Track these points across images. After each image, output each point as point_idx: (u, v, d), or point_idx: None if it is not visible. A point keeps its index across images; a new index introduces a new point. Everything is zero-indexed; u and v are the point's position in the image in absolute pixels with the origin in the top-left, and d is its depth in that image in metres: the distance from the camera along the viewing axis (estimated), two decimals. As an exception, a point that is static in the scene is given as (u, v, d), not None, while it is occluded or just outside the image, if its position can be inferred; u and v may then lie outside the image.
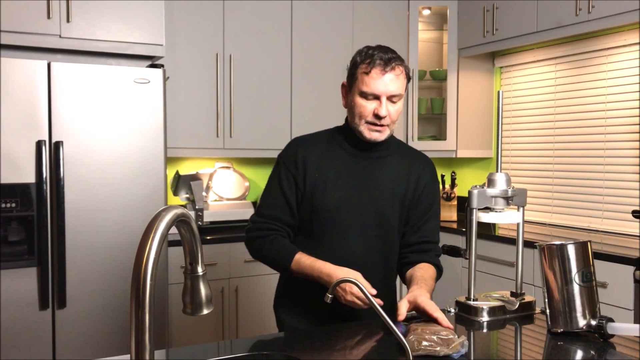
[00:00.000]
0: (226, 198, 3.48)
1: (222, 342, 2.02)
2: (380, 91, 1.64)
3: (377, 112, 1.65)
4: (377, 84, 1.64)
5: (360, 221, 1.72)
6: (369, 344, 1.43)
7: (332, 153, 1.76)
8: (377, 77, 1.64)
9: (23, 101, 2.48)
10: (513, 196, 1.65)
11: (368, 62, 1.65)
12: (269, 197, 1.78)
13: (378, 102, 1.65)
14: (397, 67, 1.65)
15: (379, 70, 1.63)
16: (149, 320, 0.85)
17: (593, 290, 1.46)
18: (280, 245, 1.71)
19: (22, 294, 2.48)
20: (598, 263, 2.41)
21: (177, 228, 0.98)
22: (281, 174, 1.76)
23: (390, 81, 1.64)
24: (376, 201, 1.73)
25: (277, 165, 1.79)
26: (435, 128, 4.15)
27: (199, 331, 3.04)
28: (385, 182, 1.75)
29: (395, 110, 1.68)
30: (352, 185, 1.73)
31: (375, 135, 1.69)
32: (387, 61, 1.64)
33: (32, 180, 2.49)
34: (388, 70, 1.64)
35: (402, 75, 1.67)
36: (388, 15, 3.80)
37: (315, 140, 1.80)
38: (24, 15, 2.59)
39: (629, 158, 3.15)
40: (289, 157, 1.76)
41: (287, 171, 1.75)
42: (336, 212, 1.71)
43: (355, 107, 1.69)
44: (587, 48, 3.31)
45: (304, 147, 1.77)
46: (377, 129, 1.68)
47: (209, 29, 3.29)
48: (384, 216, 1.74)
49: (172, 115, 3.16)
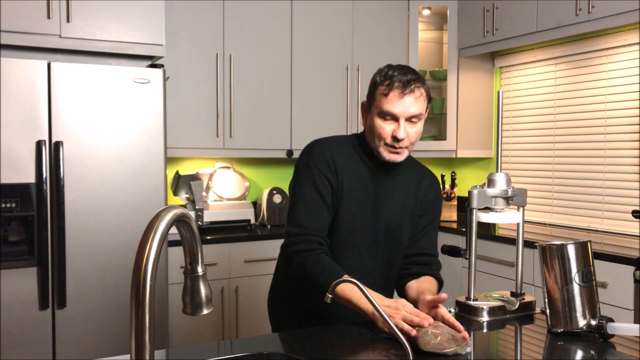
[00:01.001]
0: (226, 198, 3.48)
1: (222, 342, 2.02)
2: (399, 113, 1.60)
3: (395, 134, 1.62)
4: (395, 106, 1.60)
5: (372, 235, 1.72)
6: (369, 344, 1.43)
7: (353, 163, 1.71)
8: (395, 99, 1.60)
9: (23, 101, 2.48)
10: (513, 196, 1.65)
11: (387, 84, 1.61)
12: (305, 204, 1.65)
13: (397, 124, 1.62)
14: (417, 90, 1.61)
15: (397, 92, 1.60)
16: (149, 320, 0.85)
17: (593, 290, 1.45)
18: (326, 263, 1.58)
19: (22, 294, 2.48)
20: (598, 263, 2.41)
21: (177, 228, 0.98)
22: (315, 178, 1.65)
23: (409, 104, 1.60)
24: (387, 217, 1.73)
25: (306, 169, 1.68)
26: (435, 128, 4.15)
27: (199, 331, 3.04)
28: (398, 198, 1.74)
29: (415, 132, 1.64)
30: (368, 199, 1.71)
31: (394, 157, 1.66)
32: (407, 83, 1.60)
33: (32, 180, 2.49)
34: (407, 92, 1.60)
35: (421, 98, 1.63)
36: (388, 15, 3.80)
37: (339, 146, 1.73)
38: (24, 15, 2.59)
39: (629, 158, 3.15)
40: (320, 161, 1.67)
41: (320, 174, 1.66)
42: (353, 224, 1.69)
43: (374, 128, 1.65)
44: (587, 48, 3.31)
45: (331, 151, 1.69)
46: (396, 150, 1.65)
47: (209, 29, 3.29)
48: (393, 232, 1.74)
49: (172, 115, 3.16)
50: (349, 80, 3.68)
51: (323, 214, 1.65)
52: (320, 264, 1.58)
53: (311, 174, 1.66)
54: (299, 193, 1.68)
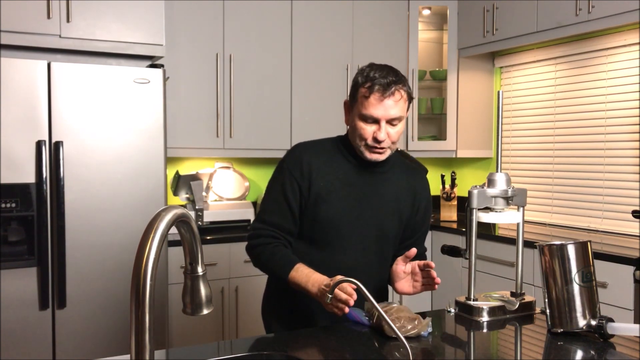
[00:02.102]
0: (226, 198, 3.48)
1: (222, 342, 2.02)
2: (379, 116, 1.63)
3: (376, 135, 1.64)
4: (376, 109, 1.62)
5: (361, 234, 1.73)
6: (368, 344, 1.43)
7: (337, 163, 1.74)
8: (376, 102, 1.62)
9: (23, 101, 2.48)
10: (513, 196, 1.65)
11: (368, 87, 1.63)
12: (271, 203, 1.73)
13: (377, 126, 1.64)
14: (397, 92, 1.63)
15: (378, 95, 1.61)
16: (149, 320, 0.85)
17: (593, 290, 1.46)
18: (280, 254, 1.67)
19: (22, 294, 2.48)
20: (598, 263, 2.41)
21: (177, 228, 0.98)
22: (285, 180, 1.71)
23: (389, 107, 1.62)
24: (377, 216, 1.74)
25: (280, 170, 1.75)
26: (435, 128, 4.15)
27: (199, 331, 3.04)
28: (387, 198, 1.75)
29: (396, 132, 1.67)
30: (355, 197, 1.72)
31: (376, 156, 1.69)
32: (387, 86, 1.61)
33: (32, 180, 2.49)
34: (387, 95, 1.61)
35: (402, 100, 1.65)
36: (388, 15, 3.80)
37: (320, 148, 1.77)
38: (24, 15, 2.59)
39: (629, 158, 3.15)
40: (294, 164, 1.72)
41: (291, 178, 1.71)
42: (339, 224, 1.70)
43: (356, 128, 1.68)
44: (587, 48, 3.31)
45: (308, 153, 1.73)
46: (377, 151, 1.68)
47: (209, 29, 3.29)
48: (384, 231, 1.75)
49: (172, 115, 3.16)
50: (349, 80, 3.68)
51: (285, 213, 1.71)
52: (276, 255, 1.67)
53: (282, 176, 1.73)
54: (269, 191, 1.77)
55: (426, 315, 1.58)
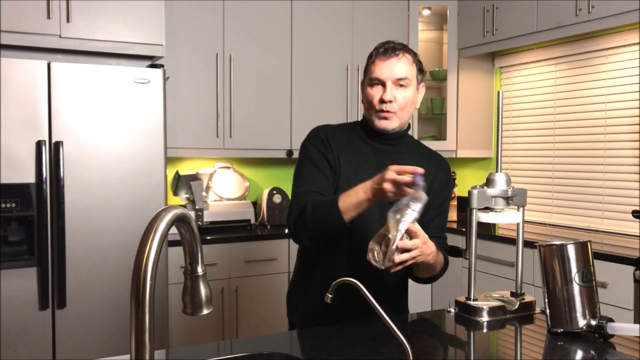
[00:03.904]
0: (226, 198, 3.48)
1: (222, 342, 2.02)
2: (385, 76, 1.66)
3: (382, 96, 1.66)
4: (381, 69, 1.66)
5: (378, 214, 1.71)
6: (369, 344, 1.43)
7: (354, 144, 1.76)
8: (380, 63, 1.67)
9: (23, 101, 2.48)
10: (513, 196, 1.65)
11: (375, 54, 1.70)
12: (303, 177, 1.70)
13: (384, 88, 1.67)
14: (402, 54, 1.67)
15: (382, 57, 1.67)
16: (149, 320, 0.85)
17: (593, 290, 1.45)
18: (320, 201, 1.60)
19: (22, 294, 2.48)
20: (598, 263, 2.41)
21: (177, 228, 0.98)
22: (311, 154, 1.70)
23: (393, 66, 1.66)
24: None
25: (303, 148, 1.75)
26: (435, 128, 4.15)
27: (199, 331, 3.04)
28: None
29: (403, 97, 1.67)
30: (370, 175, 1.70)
31: (384, 123, 1.69)
32: (392, 49, 1.67)
33: (32, 180, 2.49)
34: (391, 55, 1.66)
35: (407, 61, 1.68)
36: (388, 15, 3.80)
37: (338, 128, 1.79)
38: (24, 15, 2.59)
39: (629, 158, 3.15)
40: (315, 139, 1.74)
41: (315, 151, 1.70)
42: None
43: (366, 97, 1.72)
44: (587, 48, 3.31)
45: (328, 131, 1.76)
46: (384, 115, 1.68)
47: (209, 29, 3.29)
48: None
49: (172, 115, 3.16)
50: (349, 80, 3.68)
51: (320, 180, 1.67)
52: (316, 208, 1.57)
53: (307, 152, 1.72)
54: (298, 172, 1.73)
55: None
